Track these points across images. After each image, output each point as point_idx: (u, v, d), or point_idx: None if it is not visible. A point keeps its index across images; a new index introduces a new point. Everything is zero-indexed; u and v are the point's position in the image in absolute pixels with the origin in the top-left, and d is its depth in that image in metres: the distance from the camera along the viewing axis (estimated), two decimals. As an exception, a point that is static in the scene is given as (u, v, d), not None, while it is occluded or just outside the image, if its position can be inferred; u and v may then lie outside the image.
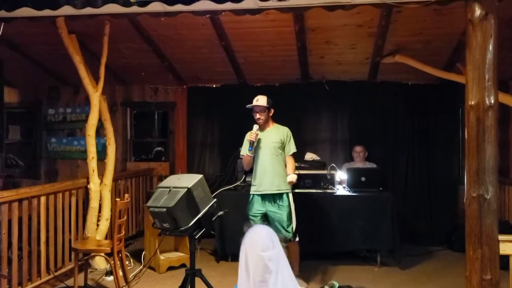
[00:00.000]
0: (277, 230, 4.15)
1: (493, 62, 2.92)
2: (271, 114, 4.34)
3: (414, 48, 5.09)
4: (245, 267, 2.08)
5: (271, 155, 4.26)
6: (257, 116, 4.26)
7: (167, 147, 7.05)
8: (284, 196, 4.26)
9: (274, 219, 4.24)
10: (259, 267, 2.04)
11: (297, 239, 4.31)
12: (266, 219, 4.30)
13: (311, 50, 5.41)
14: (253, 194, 4.31)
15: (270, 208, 4.25)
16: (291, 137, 4.38)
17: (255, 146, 4.23)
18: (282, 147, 4.32)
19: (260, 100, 4.25)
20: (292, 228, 4.25)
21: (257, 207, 4.27)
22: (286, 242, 4.18)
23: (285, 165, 4.33)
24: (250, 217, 4.30)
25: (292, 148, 4.37)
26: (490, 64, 2.92)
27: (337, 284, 4.13)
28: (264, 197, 4.26)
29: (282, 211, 4.23)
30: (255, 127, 4.24)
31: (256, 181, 4.29)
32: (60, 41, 4.62)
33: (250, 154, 4.24)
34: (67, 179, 5.59)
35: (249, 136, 4.21)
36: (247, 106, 4.32)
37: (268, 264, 2.04)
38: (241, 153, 4.45)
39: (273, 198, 4.25)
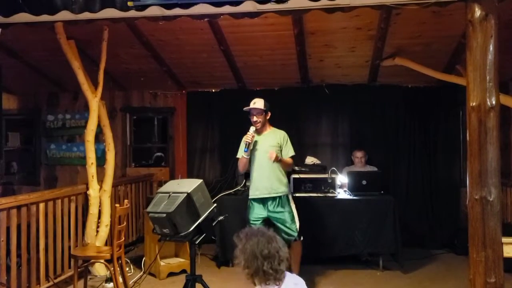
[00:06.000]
0: (279, 234, 4.13)
1: (494, 63, 2.92)
2: (268, 118, 4.33)
3: (414, 50, 5.08)
4: None
5: (268, 158, 4.23)
6: (254, 119, 4.24)
7: (167, 153, 7.03)
8: (284, 198, 4.25)
9: (277, 222, 4.22)
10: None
11: (301, 238, 4.29)
12: (267, 223, 4.27)
13: (310, 54, 5.40)
14: (252, 199, 4.29)
15: (271, 211, 4.23)
16: (288, 140, 4.36)
17: (251, 149, 4.21)
18: (279, 150, 4.29)
19: (257, 103, 4.24)
20: (296, 228, 4.24)
21: (258, 212, 4.25)
22: (288, 242, 4.16)
23: (283, 169, 4.30)
24: (251, 222, 4.26)
25: (290, 151, 4.34)
26: (491, 65, 2.91)
27: None
28: (264, 201, 4.24)
29: (283, 213, 4.22)
30: (252, 128, 4.22)
31: (254, 185, 4.28)
32: (58, 47, 4.61)
33: (245, 156, 4.21)
34: (67, 185, 5.57)
35: (245, 138, 4.20)
36: (244, 108, 4.30)
37: None
38: (237, 156, 4.43)
39: (272, 201, 4.23)
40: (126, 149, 6.93)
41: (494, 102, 2.91)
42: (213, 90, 6.68)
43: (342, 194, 5.26)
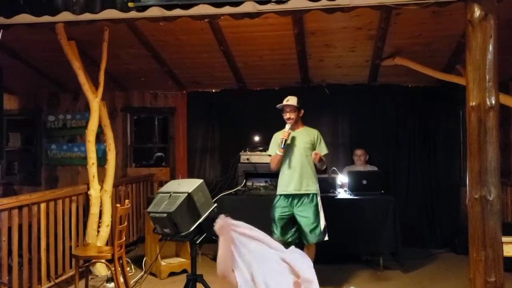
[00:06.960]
0: (303, 234, 4.17)
1: (493, 63, 2.93)
2: (301, 115, 4.33)
3: (414, 50, 5.09)
4: None
5: (301, 156, 4.23)
6: (288, 115, 4.24)
7: (167, 153, 7.04)
8: (312, 197, 4.23)
9: (301, 221, 4.19)
10: None
11: (326, 238, 4.27)
12: (291, 221, 4.25)
13: (310, 54, 5.40)
14: (280, 195, 4.27)
15: (297, 209, 4.21)
16: (322, 139, 4.37)
17: (288, 143, 4.18)
18: (313, 148, 4.28)
19: (291, 100, 4.25)
20: (320, 228, 4.20)
21: (284, 209, 4.22)
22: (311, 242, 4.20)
23: (315, 166, 4.29)
24: (276, 219, 4.23)
25: (323, 149, 4.34)
26: (490, 65, 2.92)
27: None
28: (292, 197, 4.21)
29: (309, 211, 4.19)
30: (288, 126, 4.22)
31: (284, 182, 4.25)
32: (59, 47, 4.61)
33: (280, 153, 4.20)
34: (67, 186, 5.58)
35: (282, 134, 4.19)
36: (277, 106, 4.30)
37: None
38: (268, 153, 4.42)
39: (301, 198, 4.21)
40: (127, 149, 6.94)
41: (493, 102, 2.92)
42: (213, 90, 6.69)
43: (342, 193, 5.27)
